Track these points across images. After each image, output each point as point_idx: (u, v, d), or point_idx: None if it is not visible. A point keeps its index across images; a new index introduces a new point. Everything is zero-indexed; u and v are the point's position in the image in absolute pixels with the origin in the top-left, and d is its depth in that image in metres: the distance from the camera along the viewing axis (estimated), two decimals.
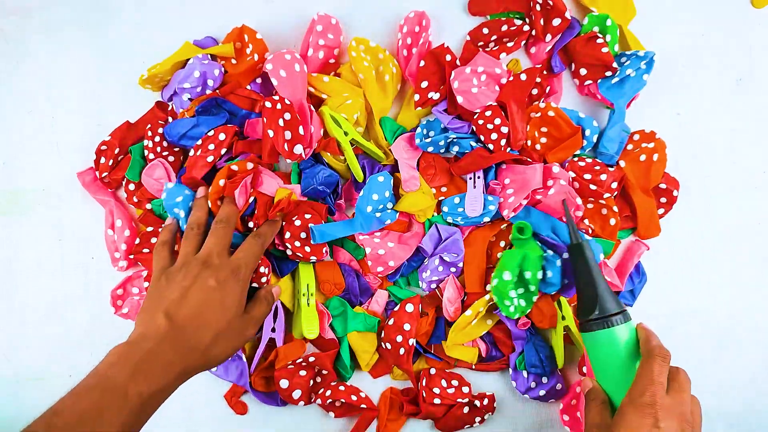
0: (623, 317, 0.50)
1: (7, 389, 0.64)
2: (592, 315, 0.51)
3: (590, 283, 0.52)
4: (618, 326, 0.50)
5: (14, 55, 0.66)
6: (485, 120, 0.56)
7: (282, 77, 0.57)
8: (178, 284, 0.49)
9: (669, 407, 0.45)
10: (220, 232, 0.53)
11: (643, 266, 0.60)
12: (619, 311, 0.50)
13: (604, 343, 0.50)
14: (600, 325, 0.50)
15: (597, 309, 0.50)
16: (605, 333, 0.50)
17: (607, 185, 0.57)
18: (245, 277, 0.52)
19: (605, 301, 0.51)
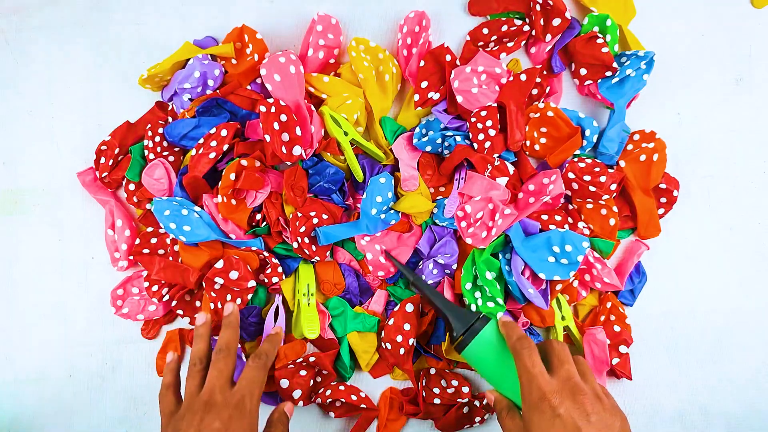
0: (482, 321, 0.52)
1: (7, 389, 0.64)
2: (457, 334, 0.53)
3: (437, 309, 0.55)
4: (482, 331, 0.51)
5: (14, 55, 0.66)
6: (478, 119, 0.57)
7: (276, 81, 0.57)
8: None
9: (559, 389, 0.45)
10: (220, 364, 0.51)
11: (643, 266, 0.60)
12: (475, 318, 0.52)
13: (479, 352, 0.51)
14: (467, 339, 0.52)
15: (454, 328, 0.53)
16: (475, 343, 0.51)
17: (607, 187, 0.57)
18: (252, 408, 0.50)
19: (458, 318, 0.53)
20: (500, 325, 0.52)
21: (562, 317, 0.58)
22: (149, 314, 0.61)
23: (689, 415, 0.61)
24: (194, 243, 0.58)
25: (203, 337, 0.54)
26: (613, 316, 0.59)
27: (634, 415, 0.61)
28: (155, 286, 0.60)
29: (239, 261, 0.57)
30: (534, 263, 0.56)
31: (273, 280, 0.59)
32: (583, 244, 0.55)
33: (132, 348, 0.64)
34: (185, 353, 0.63)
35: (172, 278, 0.58)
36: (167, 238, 0.61)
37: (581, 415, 0.44)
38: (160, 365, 0.63)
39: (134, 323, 0.63)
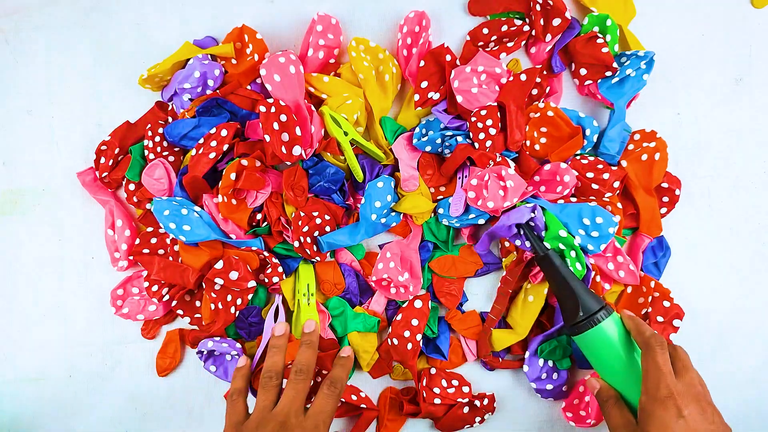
0: (606, 312, 0.52)
1: (7, 389, 0.64)
2: (577, 318, 0.52)
3: (566, 288, 0.53)
4: (604, 321, 0.51)
5: (14, 55, 0.66)
6: (478, 119, 0.57)
7: (276, 81, 0.57)
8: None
9: (684, 393, 0.47)
10: (299, 385, 0.50)
11: (666, 240, 0.60)
12: (600, 307, 0.52)
13: (597, 341, 0.52)
14: (587, 325, 0.52)
15: (581, 310, 0.52)
16: (595, 331, 0.52)
17: (609, 184, 0.57)
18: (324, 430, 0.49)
19: (586, 302, 0.52)
20: (627, 318, 0.53)
21: None
22: (149, 314, 0.61)
23: None
24: (194, 243, 0.58)
25: (281, 349, 0.53)
26: (657, 293, 0.59)
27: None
28: (155, 286, 0.60)
29: (239, 261, 0.57)
30: None
31: (273, 280, 0.59)
32: (614, 218, 0.56)
33: (132, 348, 0.64)
34: (185, 354, 0.63)
35: (171, 278, 0.58)
36: (167, 238, 0.61)
37: (704, 422, 0.47)
38: (160, 365, 0.63)
39: (134, 323, 0.63)
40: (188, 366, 0.63)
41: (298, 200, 0.58)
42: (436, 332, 0.60)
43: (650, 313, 0.59)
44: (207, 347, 0.59)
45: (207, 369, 0.61)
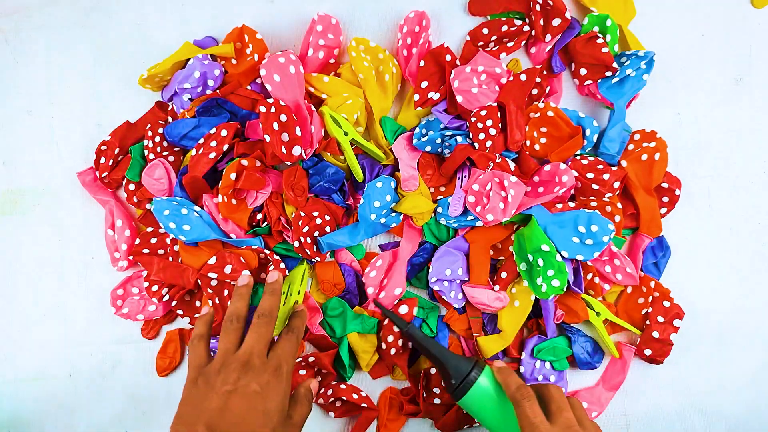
0: (478, 369, 0.52)
1: (8, 389, 0.64)
2: (452, 385, 0.52)
3: (434, 359, 0.55)
4: (479, 379, 0.52)
5: (14, 55, 0.66)
6: (478, 119, 0.57)
7: (276, 81, 0.57)
8: (218, 391, 0.46)
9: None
10: (262, 329, 0.50)
11: (666, 240, 0.60)
12: (471, 366, 0.52)
13: (477, 399, 0.52)
14: (463, 389, 0.52)
15: (452, 377, 0.52)
16: (473, 391, 0.52)
17: (609, 184, 0.57)
18: (287, 378, 0.49)
19: (455, 366, 0.53)
20: (496, 372, 0.53)
21: (597, 314, 0.58)
22: (149, 314, 0.61)
23: (689, 415, 0.61)
24: (194, 243, 0.58)
25: (243, 297, 0.52)
26: (657, 293, 0.59)
27: (634, 415, 0.61)
28: (155, 286, 0.60)
29: (231, 254, 0.57)
30: (558, 241, 0.56)
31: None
32: (609, 226, 0.55)
33: (132, 348, 0.64)
34: (185, 354, 0.63)
35: (171, 279, 0.58)
36: (167, 238, 0.61)
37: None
38: (160, 365, 0.63)
39: (134, 323, 0.63)
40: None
41: (299, 200, 0.58)
42: (435, 332, 0.60)
43: (650, 313, 0.59)
44: None
45: None
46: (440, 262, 0.58)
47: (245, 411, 0.45)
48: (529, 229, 0.56)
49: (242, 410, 0.45)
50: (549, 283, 0.55)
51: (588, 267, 0.58)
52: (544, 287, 0.55)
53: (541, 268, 0.55)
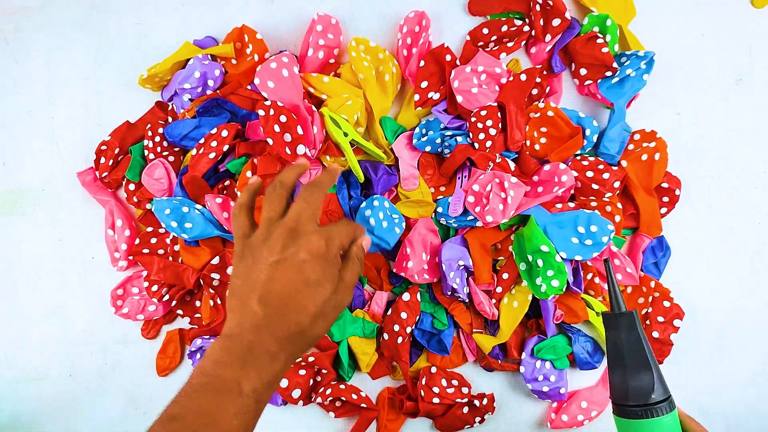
0: (669, 405, 0.44)
1: (7, 389, 0.64)
2: (650, 399, 0.43)
3: (643, 359, 0.44)
4: (664, 416, 0.43)
5: (14, 55, 0.66)
6: (478, 119, 0.57)
7: (270, 88, 0.57)
8: (264, 262, 0.42)
9: None
10: (312, 196, 0.45)
11: (666, 240, 0.60)
12: (666, 397, 0.44)
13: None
14: (646, 413, 0.43)
15: (655, 392, 0.43)
16: (651, 423, 0.43)
17: (609, 184, 0.57)
18: (338, 246, 0.45)
19: (663, 383, 0.44)
20: (686, 419, 0.46)
21: (597, 313, 0.58)
22: (149, 314, 0.61)
23: (689, 415, 0.61)
24: (196, 241, 0.58)
25: (295, 169, 0.47)
26: (657, 293, 0.59)
27: None
28: (155, 286, 0.60)
29: None
30: (557, 241, 0.56)
31: None
32: (608, 227, 0.55)
33: (132, 348, 0.64)
34: (185, 354, 0.63)
35: (171, 279, 0.58)
36: (167, 238, 0.61)
37: None
38: (160, 365, 0.63)
39: (134, 323, 0.63)
40: (188, 366, 0.63)
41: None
42: (447, 324, 0.60)
43: (650, 314, 0.59)
44: (197, 345, 0.59)
45: None
46: (448, 248, 0.58)
47: (296, 281, 0.42)
48: (528, 230, 0.56)
49: (292, 280, 0.42)
50: (548, 283, 0.55)
51: (588, 267, 0.58)
52: (544, 287, 0.55)
53: (541, 268, 0.55)
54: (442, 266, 0.58)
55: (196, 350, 0.60)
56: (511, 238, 0.59)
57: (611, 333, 0.46)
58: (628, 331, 0.45)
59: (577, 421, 0.59)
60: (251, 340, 0.40)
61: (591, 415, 0.60)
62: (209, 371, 0.39)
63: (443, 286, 0.59)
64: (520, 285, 0.59)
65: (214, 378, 0.39)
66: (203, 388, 0.39)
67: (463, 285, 0.59)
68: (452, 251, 0.58)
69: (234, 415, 0.38)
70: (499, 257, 0.60)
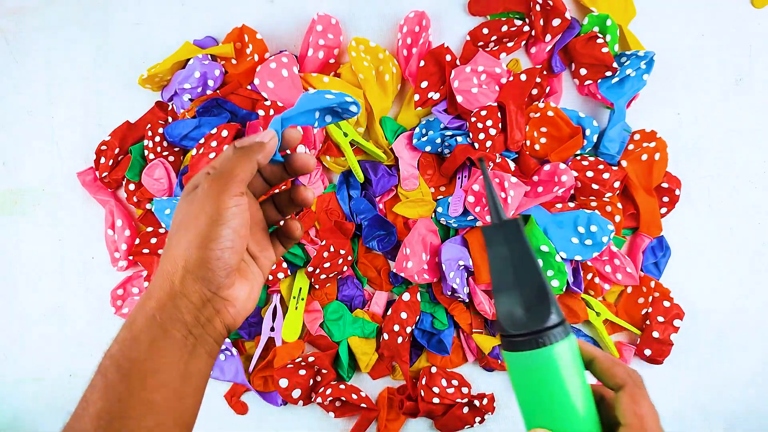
0: (564, 329, 0.35)
1: (7, 389, 0.64)
2: (547, 322, 0.34)
3: (536, 279, 0.35)
4: (560, 341, 0.34)
5: (14, 55, 0.66)
6: (478, 119, 0.57)
7: (270, 88, 0.57)
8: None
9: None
10: (226, 157, 0.39)
11: (666, 240, 0.60)
12: (561, 321, 0.35)
13: (543, 367, 0.34)
14: (535, 342, 0.34)
15: (554, 312, 0.34)
16: (547, 352, 0.34)
17: (609, 184, 0.57)
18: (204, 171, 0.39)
19: (555, 307, 0.35)
20: (602, 357, 0.36)
21: (597, 314, 0.58)
22: None
23: (689, 415, 0.61)
24: None
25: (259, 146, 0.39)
26: (657, 293, 0.59)
27: None
28: None
29: None
30: (557, 241, 0.56)
31: (278, 276, 0.59)
32: (608, 227, 0.55)
33: None
34: None
35: None
36: (167, 238, 0.61)
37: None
38: None
39: None
40: None
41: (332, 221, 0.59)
42: (447, 324, 0.60)
43: (650, 313, 0.59)
44: None
45: None
46: (448, 248, 0.58)
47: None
48: (528, 230, 0.56)
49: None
50: (549, 283, 0.55)
51: (588, 267, 0.58)
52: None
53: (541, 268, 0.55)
54: (442, 266, 0.58)
55: None
56: None
57: (494, 249, 0.36)
58: (513, 243, 0.36)
59: None
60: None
61: None
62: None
63: (443, 286, 0.59)
64: None
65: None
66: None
67: (463, 285, 0.59)
68: (452, 251, 0.58)
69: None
70: None
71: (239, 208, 0.36)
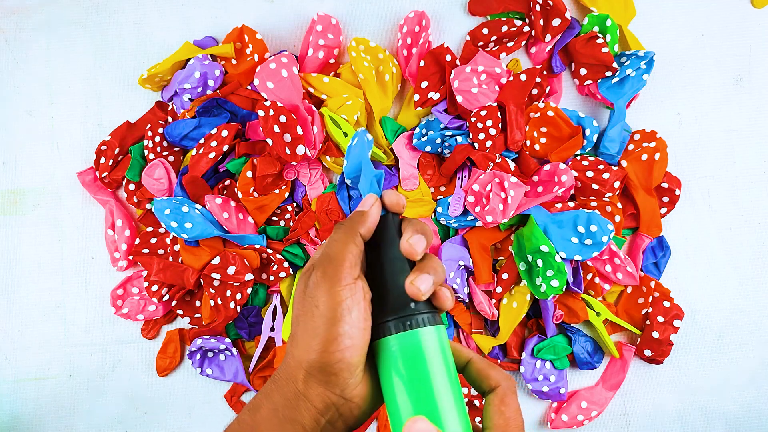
0: (433, 317, 0.34)
1: (7, 389, 0.64)
2: (410, 308, 0.33)
3: (403, 263, 0.35)
4: (425, 327, 0.33)
5: (14, 55, 0.66)
6: (478, 119, 0.57)
7: (270, 88, 0.57)
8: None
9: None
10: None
11: (666, 240, 0.60)
12: (431, 310, 0.35)
13: (408, 354, 0.33)
14: (404, 324, 0.33)
15: (391, 300, 0.34)
16: (410, 337, 0.33)
17: (609, 184, 0.57)
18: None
19: (401, 290, 0.34)
20: (477, 359, 0.36)
21: (597, 313, 0.58)
22: (149, 314, 0.61)
23: (689, 415, 0.61)
24: (196, 242, 0.58)
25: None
26: (657, 293, 0.59)
27: (634, 415, 0.61)
28: (155, 286, 0.60)
29: (236, 256, 0.57)
30: (557, 241, 0.56)
31: (280, 276, 0.59)
32: (608, 226, 0.55)
33: (132, 348, 0.64)
34: (185, 354, 0.63)
35: (171, 279, 0.58)
36: (167, 238, 0.61)
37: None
38: (160, 365, 0.63)
39: (134, 323, 0.63)
40: (188, 366, 0.63)
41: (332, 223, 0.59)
42: (446, 324, 0.60)
43: (650, 314, 0.59)
44: (196, 345, 0.59)
45: (204, 374, 0.61)
46: (448, 248, 0.58)
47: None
48: (528, 230, 0.56)
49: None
50: (548, 283, 0.55)
51: (588, 267, 0.58)
52: (543, 287, 0.55)
53: (540, 268, 0.55)
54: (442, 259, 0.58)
55: (196, 350, 0.60)
56: (511, 238, 0.59)
57: (369, 242, 0.36)
58: (385, 234, 0.36)
59: (577, 421, 0.59)
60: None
61: (591, 415, 0.60)
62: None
63: None
64: (519, 286, 0.59)
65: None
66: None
67: (463, 285, 0.59)
68: (452, 251, 0.58)
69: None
70: (499, 257, 0.60)
71: (354, 299, 0.33)
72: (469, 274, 0.60)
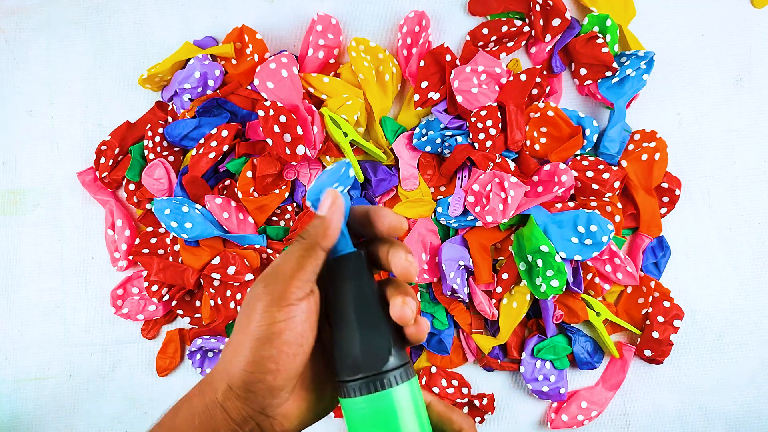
0: (406, 372, 0.32)
1: (7, 389, 0.64)
2: (386, 365, 0.31)
3: (377, 317, 0.32)
4: (399, 385, 0.31)
5: (14, 55, 0.66)
6: (478, 119, 0.57)
7: (270, 88, 0.57)
8: None
9: None
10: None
11: (666, 240, 0.60)
12: (403, 363, 0.32)
13: (382, 414, 0.31)
14: (375, 384, 0.31)
15: (393, 353, 0.31)
16: (384, 397, 0.31)
17: (609, 184, 0.57)
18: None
19: (396, 349, 0.32)
20: (437, 402, 0.34)
21: (597, 314, 0.58)
22: (149, 314, 0.61)
23: (689, 415, 0.61)
24: (196, 242, 0.58)
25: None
26: (657, 293, 0.59)
27: (634, 415, 0.61)
28: (155, 286, 0.60)
29: (236, 256, 0.57)
30: (557, 241, 0.56)
31: None
32: (608, 226, 0.55)
33: (132, 348, 0.64)
34: (185, 354, 0.63)
35: (171, 279, 0.58)
36: (167, 238, 0.61)
37: None
38: (160, 365, 0.63)
39: (134, 323, 0.63)
40: (188, 366, 0.63)
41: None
42: (447, 324, 0.60)
43: (650, 314, 0.59)
44: (197, 345, 0.59)
45: (204, 374, 0.61)
46: (448, 248, 0.58)
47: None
48: (528, 230, 0.56)
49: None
50: (548, 283, 0.55)
51: (588, 267, 0.58)
52: (543, 287, 0.55)
53: (540, 268, 0.55)
54: (442, 266, 0.58)
55: (196, 350, 0.60)
56: (511, 238, 0.59)
57: (335, 282, 0.33)
58: (355, 277, 0.33)
59: (577, 421, 0.59)
60: None
61: (591, 415, 0.60)
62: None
63: (443, 286, 0.59)
64: (519, 286, 0.59)
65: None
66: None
67: (463, 285, 0.59)
68: (452, 251, 0.58)
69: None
70: (499, 257, 0.60)
71: (294, 320, 0.30)
72: (469, 274, 0.60)
